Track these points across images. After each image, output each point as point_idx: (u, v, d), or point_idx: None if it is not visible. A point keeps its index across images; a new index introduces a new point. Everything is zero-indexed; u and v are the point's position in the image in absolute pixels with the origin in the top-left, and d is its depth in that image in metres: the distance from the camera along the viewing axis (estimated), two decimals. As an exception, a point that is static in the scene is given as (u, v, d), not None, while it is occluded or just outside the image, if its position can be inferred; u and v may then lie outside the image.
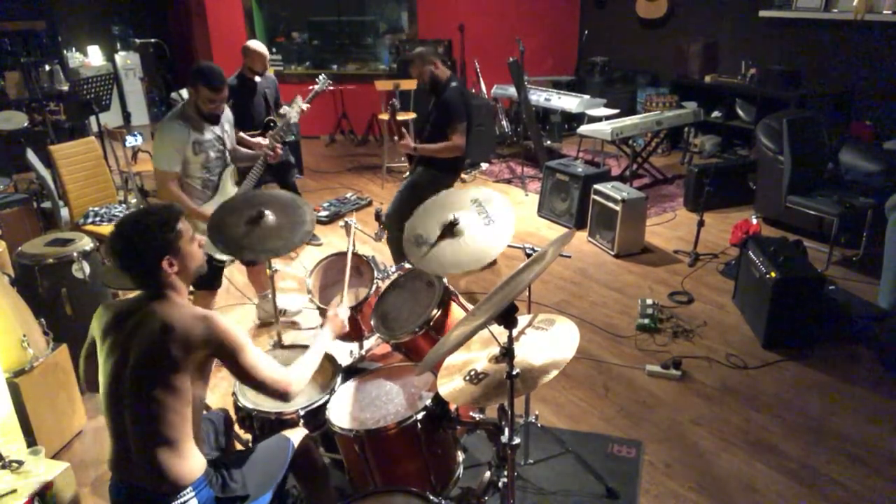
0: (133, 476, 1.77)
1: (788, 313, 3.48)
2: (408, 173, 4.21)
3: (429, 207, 2.60)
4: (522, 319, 2.00)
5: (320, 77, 4.12)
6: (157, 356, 1.72)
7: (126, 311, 1.82)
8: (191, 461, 1.78)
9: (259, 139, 3.91)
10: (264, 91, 4.57)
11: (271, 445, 2.05)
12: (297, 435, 2.11)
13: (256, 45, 4.46)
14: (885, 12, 5.42)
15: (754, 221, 4.72)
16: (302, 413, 2.26)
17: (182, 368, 1.73)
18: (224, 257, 3.25)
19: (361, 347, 3.07)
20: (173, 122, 3.13)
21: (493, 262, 4.63)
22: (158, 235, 1.78)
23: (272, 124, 4.35)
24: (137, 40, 8.11)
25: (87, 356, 1.98)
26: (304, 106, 4.02)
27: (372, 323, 2.60)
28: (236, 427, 2.37)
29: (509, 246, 2.41)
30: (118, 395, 1.76)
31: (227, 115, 3.41)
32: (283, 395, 1.87)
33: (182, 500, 1.75)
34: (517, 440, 1.90)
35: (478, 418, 2.11)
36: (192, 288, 2.76)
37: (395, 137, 3.88)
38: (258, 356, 1.84)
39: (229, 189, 3.36)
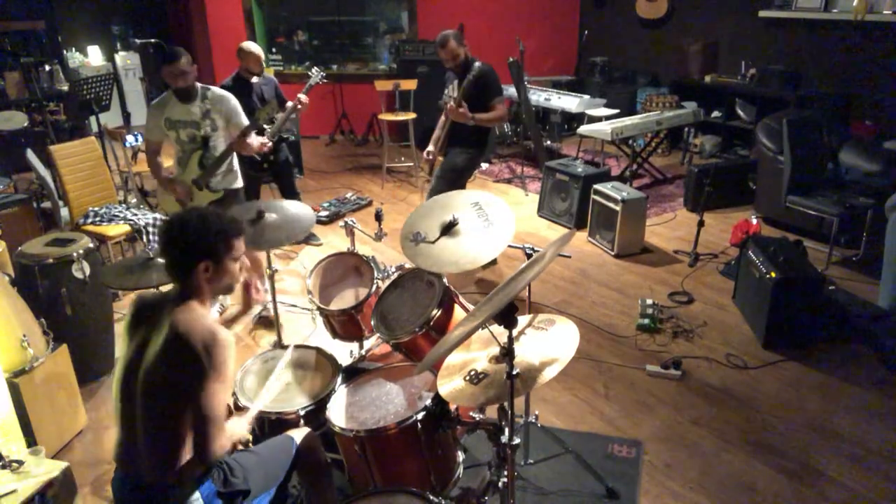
0: (137, 468, 1.78)
1: (788, 313, 3.48)
2: (430, 168, 4.27)
3: (428, 206, 2.60)
4: (522, 319, 2.00)
5: (313, 70, 4.15)
6: (167, 360, 1.73)
7: (150, 306, 1.86)
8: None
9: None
10: (260, 90, 4.60)
11: (276, 444, 2.06)
12: (301, 433, 2.11)
13: (250, 45, 4.54)
14: (885, 12, 5.41)
15: (754, 221, 4.72)
16: (302, 413, 2.27)
17: (190, 373, 1.73)
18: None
19: (361, 347, 3.08)
20: (156, 100, 3.67)
21: (494, 262, 4.62)
22: (211, 239, 1.82)
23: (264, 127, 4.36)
24: (137, 40, 8.10)
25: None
26: (304, 98, 4.35)
27: (372, 323, 2.61)
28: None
29: (510, 246, 2.41)
30: (131, 387, 1.78)
31: (226, 105, 3.61)
32: (206, 450, 1.71)
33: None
34: (517, 440, 1.91)
35: (478, 418, 2.11)
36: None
37: (450, 105, 3.95)
38: (224, 401, 1.77)
39: (194, 169, 3.62)
